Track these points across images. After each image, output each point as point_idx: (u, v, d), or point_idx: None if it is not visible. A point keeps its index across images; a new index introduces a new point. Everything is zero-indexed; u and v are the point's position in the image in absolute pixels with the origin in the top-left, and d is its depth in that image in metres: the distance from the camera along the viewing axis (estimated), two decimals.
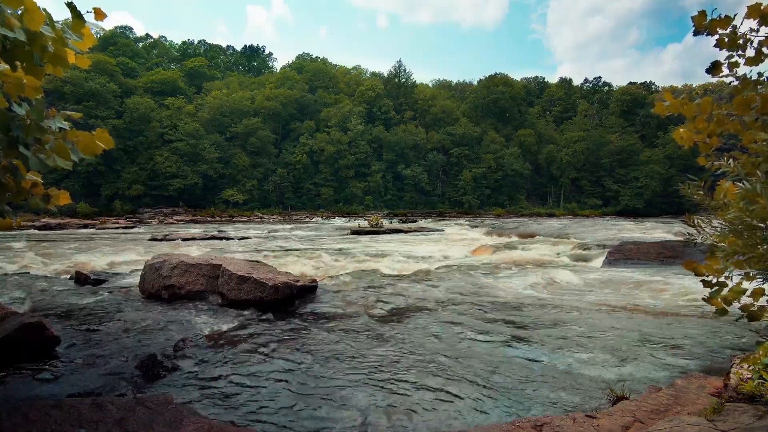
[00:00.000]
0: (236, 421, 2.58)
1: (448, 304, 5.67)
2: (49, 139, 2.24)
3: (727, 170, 2.40)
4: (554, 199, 66.12)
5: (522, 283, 7.31)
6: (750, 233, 2.19)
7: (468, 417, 2.71)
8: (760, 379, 2.23)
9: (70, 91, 48.52)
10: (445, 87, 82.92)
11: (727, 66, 2.51)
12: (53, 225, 28.04)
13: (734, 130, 2.48)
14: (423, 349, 3.93)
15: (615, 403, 2.65)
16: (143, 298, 5.98)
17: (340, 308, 5.46)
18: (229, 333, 4.43)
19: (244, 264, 6.24)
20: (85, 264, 10.03)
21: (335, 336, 4.32)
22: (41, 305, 5.39)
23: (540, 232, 18.33)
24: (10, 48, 1.94)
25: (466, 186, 60.74)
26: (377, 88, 66.37)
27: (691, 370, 3.35)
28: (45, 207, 2.70)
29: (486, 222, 33.86)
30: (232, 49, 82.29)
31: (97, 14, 2.24)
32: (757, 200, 1.94)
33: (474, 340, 4.22)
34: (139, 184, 50.65)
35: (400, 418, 2.66)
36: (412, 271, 9.05)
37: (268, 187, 56.29)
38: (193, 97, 61.62)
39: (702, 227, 2.63)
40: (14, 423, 2.14)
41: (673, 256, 9.63)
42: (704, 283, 2.80)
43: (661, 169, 59.88)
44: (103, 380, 3.12)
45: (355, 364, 3.55)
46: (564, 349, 3.94)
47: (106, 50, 60.28)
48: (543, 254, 12.18)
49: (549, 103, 78.53)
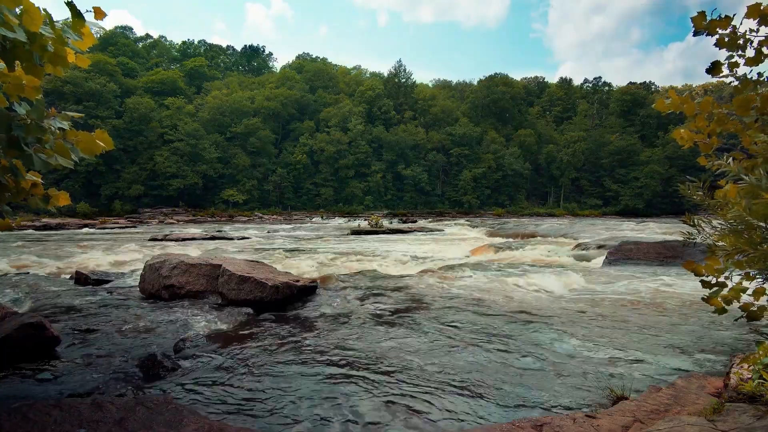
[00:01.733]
0: (236, 421, 2.58)
1: (447, 304, 5.67)
2: (50, 139, 2.24)
3: (726, 170, 2.41)
4: (554, 199, 66.12)
5: (521, 283, 7.30)
6: (751, 232, 2.19)
7: (468, 417, 2.71)
8: (760, 379, 2.23)
9: (70, 91, 48.53)
10: (445, 87, 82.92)
11: (727, 66, 2.51)
12: (53, 225, 28.02)
13: (734, 130, 2.48)
14: (422, 349, 3.93)
15: (615, 403, 2.65)
16: (143, 298, 5.98)
17: (340, 308, 5.47)
18: (229, 333, 4.43)
19: (244, 264, 6.24)
20: (85, 264, 10.03)
21: (335, 336, 4.32)
22: (41, 305, 5.39)
23: (540, 232, 18.33)
24: (10, 48, 1.94)
25: (466, 186, 60.75)
26: (377, 88, 66.36)
27: (691, 370, 3.35)
28: (45, 207, 2.70)
29: (486, 222, 33.86)
30: (232, 49, 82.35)
31: (96, 13, 2.23)
32: (762, 195, 1.94)
33: (473, 340, 4.22)
34: (139, 184, 50.66)
35: (401, 417, 2.66)
36: (412, 271, 9.05)
37: (268, 187, 56.30)
38: (193, 97, 61.64)
39: (702, 227, 2.63)
40: (14, 423, 2.14)
41: (673, 256, 9.63)
42: (703, 284, 2.81)
43: (661, 169, 59.88)
44: (103, 380, 3.12)
45: (355, 364, 3.55)
46: (563, 349, 3.94)
47: (106, 50, 60.29)
48: (543, 254, 12.17)
49: (549, 103, 78.54)
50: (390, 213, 52.44)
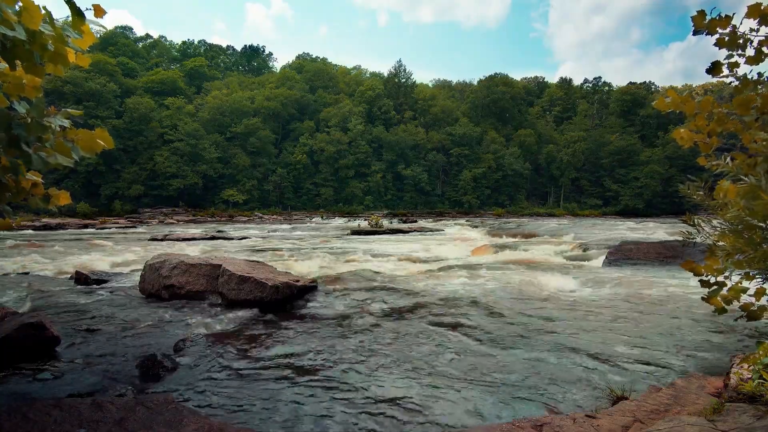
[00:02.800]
0: (236, 421, 2.58)
1: (447, 304, 5.67)
2: (50, 138, 2.23)
3: (726, 170, 2.41)
4: (554, 199, 66.11)
5: (521, 283, 7.30)
6: (750, 232, 2.19)
7: (468, 416, 2.71)
8: (760, 379, 2.23)
9: (70, 91, 48.53)
10: (445, 87, 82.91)
11: (727, 66, 2.51)
12: (53, 225, 28.02)
13: (735, 130, 2.48)
14: (423, 349, 3.93)
15: (615, 403, 2.65)
16: (143, 298, 5.98)
17: (340, 308, 5.47)
18: (230, 333, 4.43)
19: (244, 264, 6.24)
20: (85, 264, 10.03)
21: (335, 336, 4.32)
22: (41, 305, 5.39)
23: (540, 232, 18.33)
24: (10, 47, 1.93)
25: (466, 186, 60.74)
26: (377, 88, 66.35)
27: (691, 370, 3.35)
28: (45, 207, 2.69)
29: (486, 222, 33.86)
30: (232, 49, 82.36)
31: (96, 11, 2.23)
32: (761, 195, 1.94)
33: (473, 339, 4.22)
34: (139, 184, 50.66)
35: (401, 417, 2.66)
36: (412, 271, 9.05)
37: (268, 187, 56.30)
38: (193, 97, 61.64)
39: (702, 227, 2.63)
40: (14, 423, 2.14)
41: (673, 256, 9.62)
42: (703, 283, 2.80)
43: (661, 169, 59.87)
44: (103, 380, 3.12)
45: (355, 363, 3.55)
46: (563, 349, 3.93)
47: (106, 50, 60.30)
48: (543, 254, 12.17)
49: (549, 103, 78.53)
50: (390, 213, 52.42)
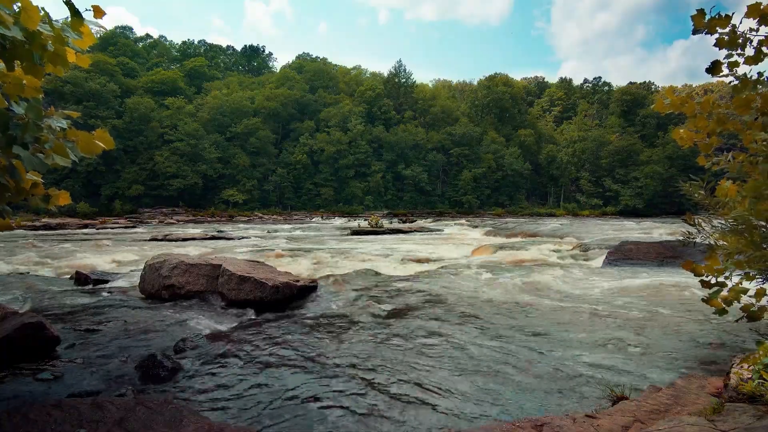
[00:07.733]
0: (236, 422, 2.58)
1: (447, 305, 5.67)
2: (48, 138, 2.23)
3: (726, 169, 2.40)
4: (554, 199, 66.09)
5: (522, 283, 7.30)
6: (751, 232, 2.19)
7: (468, 416, 2.71)
8: (760, 379, 2.22)
9: (70, 91, 48.53)
10: (445, 87, 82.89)
11: (726, 66, 2.51)
12: (53, 225, 28.03)
13: (734, 129, 2.47)
14: (423, 349, 3.93)
15: (615, 403, 2.64)
16: (143, 298, 5.98)
17: (340, 308, 5.46)
18: (229, 333, 4.42)
19: (244, 264, 6.24)
20: (85, 264, 10.03)
21: (335, 336, 4.32)
22: (41, 305, 5.39)
23: (540, 232, 18.33)
24: (10, 47, 1.93)
25: (466, 186, 60.71)
26: (377, 88, 66.32)
27: (691, 370, 3.35)
28: (45, 207, 2.70)
29: (486, 222, 33.85)
30: (232, 49, 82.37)
31: (96, 12, 2.23)
32: (765, 194, 1.93)
33: (473, 339, 4.22)
34: (139, 184, 50.62)
35: (401, 417, 2.66)
36: (411, 271, 9.05)
37: (268, 187, 56.28)
38: (193, 97, 61.61)
39: (702, 226, 2.63)
40: (14, 423, 2.14)
41: (673, 256, 9.62)
42: (703, 284, 2.80)
43: (661, 169, 59.85)
44: (103, 380, 3.12)
45: (355, 363, 3.54)
46: (563, 349, 3.93)
47: (106, 50, 60.27)
48: (543, 254, 12.17)
49: (549, 103, 78.53)
50: (390, 213, 52.41)
